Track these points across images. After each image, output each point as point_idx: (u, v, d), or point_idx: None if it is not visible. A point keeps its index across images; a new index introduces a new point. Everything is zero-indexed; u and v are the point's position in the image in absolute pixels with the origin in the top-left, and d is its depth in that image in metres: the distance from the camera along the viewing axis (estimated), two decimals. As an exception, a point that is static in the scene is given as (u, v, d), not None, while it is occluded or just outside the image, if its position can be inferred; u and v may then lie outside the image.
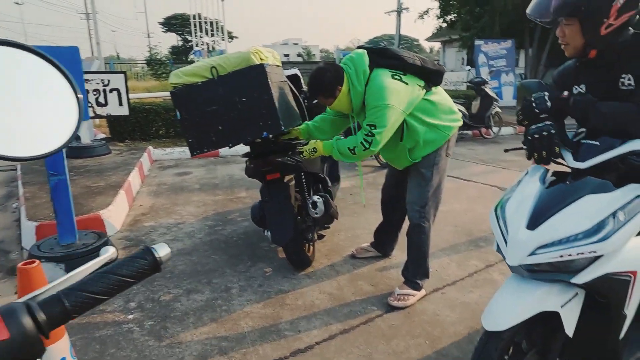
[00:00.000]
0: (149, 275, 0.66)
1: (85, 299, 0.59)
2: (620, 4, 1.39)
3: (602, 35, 1.44)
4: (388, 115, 2.18)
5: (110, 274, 0.62)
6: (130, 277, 0.63)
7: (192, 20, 15.02)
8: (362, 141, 2.22)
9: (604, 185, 1.44)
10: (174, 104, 2.30)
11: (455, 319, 2.35)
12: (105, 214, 3.59)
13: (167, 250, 0.68)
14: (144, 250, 0.66)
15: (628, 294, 1.45)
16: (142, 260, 0.65)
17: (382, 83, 2.21)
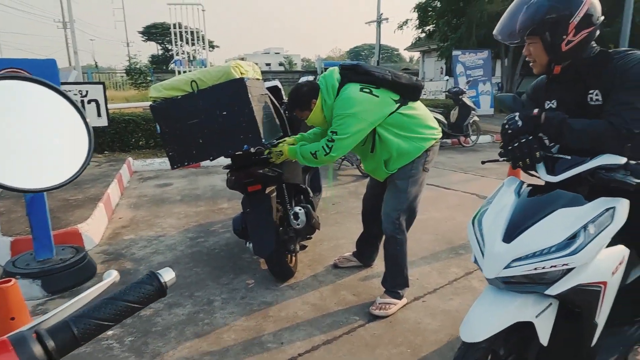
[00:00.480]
0: (155, 300, 0.67)
1: (94, 325, 0.59)
2: (577, 22, 1.46)
3: (564, 51, 1.51)
4: (350, 124, 2.29)
5: (118, 300, 0.62)
6: (137, 303, 0.64)
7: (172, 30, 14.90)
8: (324, 146, 2.33)
9: (576, 198, 1.50)
10: (154, 118, 2.30)
11: (437, 327, 2.39)
12: (84, 228, 3.53)
13: (172, 275, 0.69)
14: (150, 275, 0.67)
15: (599, 303, 1.51)
16: (148, 285, 0.66)
17: (348, 95, 2.33)
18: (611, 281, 1.52)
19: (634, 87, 1.44)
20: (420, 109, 2.57)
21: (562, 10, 1.46)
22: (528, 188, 1.66)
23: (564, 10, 1.46)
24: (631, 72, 1.45)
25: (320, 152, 2.35)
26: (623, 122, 1.44)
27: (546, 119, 1.53)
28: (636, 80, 1.44)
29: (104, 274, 0.77)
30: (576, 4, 1.45)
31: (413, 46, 26.52)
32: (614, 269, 1.53)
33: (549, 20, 1.47)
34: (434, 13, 16.07)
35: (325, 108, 2.44)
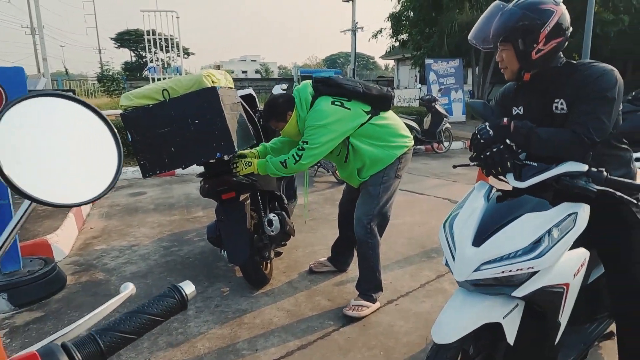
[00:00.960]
0: (177, 313, 0.68)
1: (119, 338, 0.60)
2: (547, 31, 1.54)
3: (534, 59, 1.58)
4: (321, 134, 2.36)
5: (142, 314, 0.63)
6: (160, 316, 0.65)
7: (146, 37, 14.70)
8: (294, 154, 2.39)
9: (541, 204, 1.57)
10: (125, 127, 2.29)
11: (409, 329, 2.44)
12: (53, 239, 3.44)
13: (192, 288, 0.70)
14: (172, 288, 0.68)
15: (562, 304, 1.58)
16: (170, 299, 0.67)
17: (320, 107, 2.42)
18: (573, 282, 1.60)
19: (598, 98, 1.51)
20: (392, 118, 2.64)
21: (534, 19, 1.53)
22: (497, 193, 1.72)
23: (536, 19, 1.53)
24: (595, 84, 1.52)
25: (290, 160, 2.40)
26: (587, 131, 1.50)
27: (515, 128, 1.59)
28: (599, 92, 1.51)
29: (121, 287, 0.79)
30: (548, 14, 1.53)
31: (388, 54, 26.98)
32: (576, 271, 1.61)
33: (521, 28, 1.54)
34: (407, 22, 16.41)
35: (299, 121, 2.50)
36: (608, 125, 1.52)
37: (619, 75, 1.55)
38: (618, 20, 12.66)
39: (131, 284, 0.79)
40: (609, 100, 1.51)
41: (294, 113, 2.50)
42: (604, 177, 1.47)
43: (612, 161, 1.65)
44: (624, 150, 1.70)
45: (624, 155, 1.70)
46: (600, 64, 1.58)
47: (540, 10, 1.55)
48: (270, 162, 2.45)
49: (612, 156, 1.67)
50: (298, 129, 2.51)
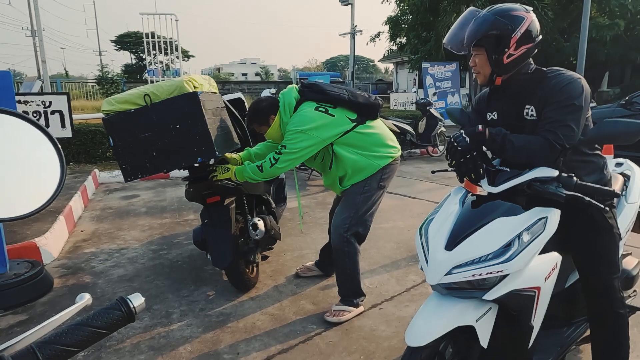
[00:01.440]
0: (123, 325, 0.67)
1: (59, 351, 0.58)
2: (518, 36, 1.57)
3: (505, 64, 1.61)
4: (299, 140, 2.36)
5: (85, 326, 0.62)
6: (105, 329, 0.64)
7: (145, 39, 14.75)
8: (270, 158, 2.39)
9: (513, 208, 1.59)
10: (106, 131, 2.31)
11: (390, 334, 2.44)
12: (42, 242, 3.45)
13: (141, 300, 0.69)
14: (119, 301, 0.67)
15: (534, 307, 1.60)
16: (116, 311, 0.66)
17: (303, 113, 2.41)
18: (544, 286, 1.61)
19: (566, 105, 1.54)
20: (379, 127, 2.63)
21: (505, 25, 1.56)
22: (472, 198, 1.75)
23: (508, 25, 1.56)
24: (563, 91, 1.55)
25: (266, 163, 2.39)
26: (557, 137, 1.53)
27: (490, 135, 1.61)
28: (567, 100, 1.54)
29: (77, 297, 0.77)
30: (518, 21, 1.56)
31: (386, 58, 27.07)
32: (547, 275, 1.62)
33: (493, 33, 1.57)
34: (405, 26, 16.47)
35: (282, 125, 2.50)
36: (577, 131, 1.55)
37: (586, 84, 1.59)
38: (614, 24, 12.72)
39: (87, 294, 0.77)
40: (576, 107, 1.54)
41: (277, 117, 2.50)
42: (574, 183, 1.49)
43: (584, 167, 1.67)
44: (596, 157, 1.72)
45: (596, 161, 1.72)
46: (568, 72, 1.61)
47: (511, 16, 1.58)
48: (248, 167, 2.44)
49: (584, 162, 1.69)
50: (281, 133, 2.51)
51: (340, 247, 2.53)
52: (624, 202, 2.13)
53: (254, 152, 2.75)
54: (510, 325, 1.63)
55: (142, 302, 0.69)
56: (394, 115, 8.99)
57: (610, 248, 1.70)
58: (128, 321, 0.68)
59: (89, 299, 0.77)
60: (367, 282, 3.01)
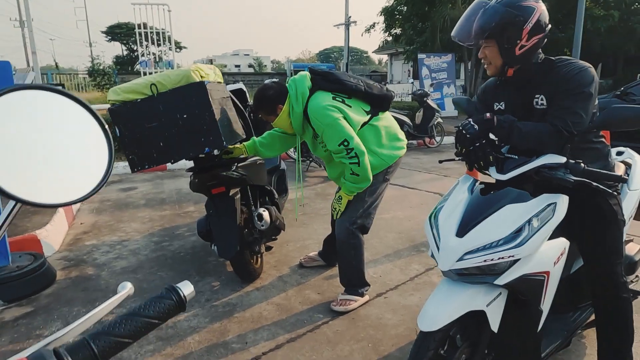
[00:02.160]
0: (174, 314, 0.65)
1: (113, 343, 0.57)
2: (529, 28, 1.57)
3: (517, 55, 1.62)
4: (343, 126, 2.25)
5: (138, 316, 0.61)
6: (157, 318, 0.62)
7: (137, 30, 14.55)
8: (350, 162, 2.27)
9: (522, 195, 1.62)
10: (113, 121, 2.28)
11: (397, 322, 2.47)
12: (42, 234, 3.43)
13: (191, 288, 0.68)
14: (169, 289, 0.66)
15: (543, 291, 1.63)
16: (167, 300, 0.64)
17: (321, 103, 2.29)
18: (553, 271, 1.64)
19: (576, 93, 1.56)
20: (388, 119, 2.60)
21: (517, 16, 1.56)
22: (480, 186, 1.77)
23: (519, 16, 1.56)
24: (574, 80, 1.57)
25: (355, 168, 2.28)
26: (565, 124, 1.55)
27: (498, 122, 1.63)
28: (578, 88, 1.56)
29: (118, 287, 0.76)
30: (529, 11, 1.56)
31: (381, 49, 26.99)
32: (556, 259, 1.65)
33: (504, 25, 1.57)
34: (400, 17, 16.41)
35: (292, 115, 2.38)
36: (585, 119, 1.57)
37: (595, 73, 1.60)
38: (608, 15, 12.78)
39: (129, 283, 0.76)
40: (586, 95, 1.56)
41: (286, 107, 2.38)
42: (581, 169, 1.51)
43: (589, 154, 1.70)
44: (600, 144, 1.75)
45: (601, 148, 1.75)
46: (579, 62, 1.63)
47: (522, 7, 1.58)
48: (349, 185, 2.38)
49: (589, 149, 1.72)
50: (289, 122, 2.42)
51: (346, 239, 2.52)
52: (626, 190, 2.17)
53: (259, 142, 2.71)
54: (520, 309, 1.67)
55: (192, 291, 0.68)
56: (391, 107, 9.00)
57: (615, 234, 1.73)
58: (179, 310, 0.65)
59: (131, 288, 0.76)
60: (370, 272, 3.03)
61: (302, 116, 2.38)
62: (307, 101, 2.35)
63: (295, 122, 2.41)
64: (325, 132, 2.27)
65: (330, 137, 2.26)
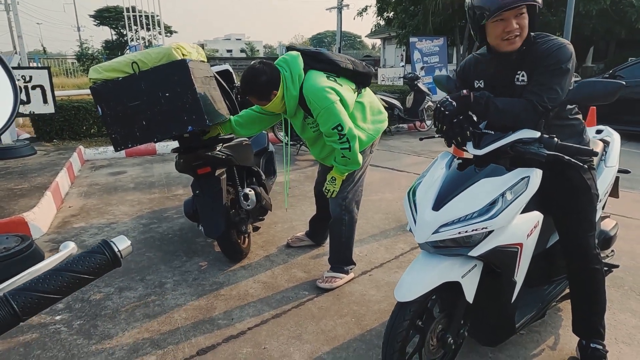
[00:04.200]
0: (109, 270, 0.62)
1: (36, 299, 0.54)
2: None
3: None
4: (339, 111, 2.25)
5: (64, 271, 0.57)
6: (87, 274, 0.59)
7: (125, 14, 14.30)
8: (342, 147, 2.29)
9: (497, 169, 1.66)
10: (95, 100, 2.28)
11: (380, 298, 2.53)
12: (30, 217, 3.43)
13: (127, 243, 0.64)
14: (102, 243, 0.62)
15: (516, 263, 1.68)
16: (99, 255, 0.61)
17: (318, 84, 2.26)
18: (527, 243, 1.69)
19: (553, 69, 1.58)
20: (370, 94, 2.63)
21: None
22: (458, 161, 1.80)
23: None
24: (552, 56, 1.59)
25: (346, 152, 2.30)
26: (541, 99, 1.58)
27: (475, 99, 1.65)
28: (555, 64, 1.58)
29: (61, 246, 0.72)
30: None
31: (374, 33, 26.75)
32: (529, 232, 1.70)
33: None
34: (392, 0, 16.23)
35: (287, 97, 2.32)
36: (561, 94, 1.60)
37: (573, 50, 1.62)
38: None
39: (72, 242, 0.73)
40: (563, 71, 1.59)
41: (280, 91, 2.31)
42: (554, 143, 1.55)
43: (564, 130, 1.73)
44: (576, 120, 1.78)
45: (576, 124, 1.78)
46: (558, 38, 1.65)
47: None
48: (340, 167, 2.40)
49: (564, 126, 1.75)
50: (282, 105, 2.36)
51: (340, 215, 2.58)
52: (603, 166, 2.22)
53: (234, 121, 2.65)
54: (494, 281, 1.72)
55: (128, 245, 0.64)
56: (382, 90, 8.97)
57: (588, 207, 1.78)
58: (114, 265, 0.62)
59: (74, 247, 0.72)
60: (356, 251, 3.07)
61: (297, 98, 2.32)
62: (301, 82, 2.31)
63: (289, 105, 2.35)
64: (322, 114, 2.26)
65: (326, 120, 2.26)
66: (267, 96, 2.34)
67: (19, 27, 14.84)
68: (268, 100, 2.35)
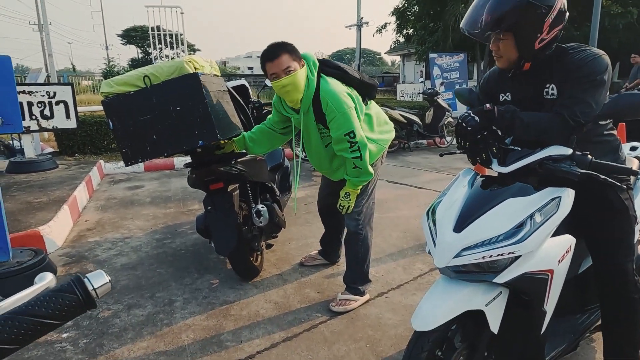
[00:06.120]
0: (80, 313, 0.53)
1: None
2: (552, 19, 1.47)
3: (536, 49, 1.52)
4: (353, 118, 2.20)
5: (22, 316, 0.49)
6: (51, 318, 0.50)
7: (150, 33, 14.74)
8: (353, 156, 2.22)
9: (524, 188, 1.53)
10: (106, 114, 2.26)
11: (397, 322, 2.39)
12: (45, 230, 3.43)
13: (104, 280, 0.55)
14: (73, 280, 0.53)
15: (546, 291, 1.54)
16: (68, 295, 0.52)
17: (336, 89, 2.23)
18: (558, 269, 1.55)
19: (587, 82, 1.47)
20: (375, 106, 2.58)
21: (538, 7, 1.45)
22: (481, 179, 1.68)
23: (541, 7, 1.45)
24: (587, 67, 1.47)
25: (357, 161, 2.24)
26: (573, 113, 1.46)
27: (499, 113, 1.53)
28: (589, 76, 1.46)
29: (36, 278, 0.64)
30: (551, 1, 1.44)
31: (393, 50, 26.80)
32: (560, 257, 1.56)
33: (524, 18, 1.46)
34: (411, 17, 16.27)
35: (308, 82, 2.22)
36: (595, 108, 1.47)
37: (609, 61, 1.49)
38: (626, 13, 12.44)
39: (50, 274, 0.64)
40: (598, 83, 1.47)
41: (305, 69, 2.22)
42: (588, 161, 1.42)
43: (598, 147, 1.60)
44: (611, 137, 1.65)
45: (612, 141, 1.65)
46: (592, 48, 1.53)
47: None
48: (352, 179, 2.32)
49: (598, 143, 1.62)
50: (302, 89, 2.21)
51: (356, 229, 2.50)
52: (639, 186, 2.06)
53: (248, 137, 2.58)
54: (521, 310, 1.57)
55: (105, 282, 0.55)
56: (401, 106, 8.88)
57: (626, 229, 1.63)
58: (86, 307, 0.53)
59: (52, 280, 0.64)
60: (373, 271, 2.95)
61: (313, 94, 2.24)
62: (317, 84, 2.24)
63: (307, 93, 2.24)
64: (338, 118, 2.19)
65: (340, 125, 2.20)
66: (298, 59, 2.21)
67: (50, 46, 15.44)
68: (298, 62, 2.21)
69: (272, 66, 2.17)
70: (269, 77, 2.24)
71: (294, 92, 2.21)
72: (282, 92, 2.25)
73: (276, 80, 2.18)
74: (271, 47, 2.20)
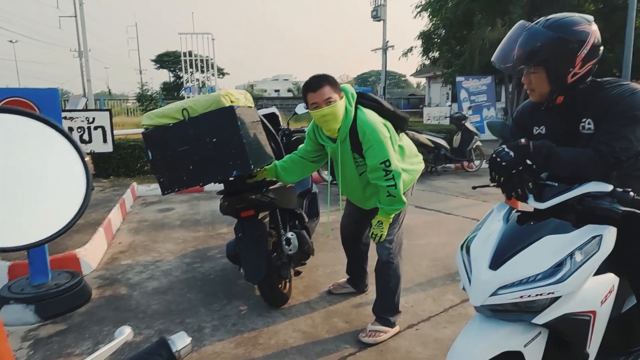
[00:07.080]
0: None
1: None
2: (584, 54, 1.46)
3: (569, 83, 1.51)
4: (389, 147, 2.26)
5: None
6: None
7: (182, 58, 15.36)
8: (387, 185, 2.25)
9: (563, 225, 1.49)
10: (145, 145, 2.35)
11: (428, 356, 2.33)
12: (81, 253, 3.55)
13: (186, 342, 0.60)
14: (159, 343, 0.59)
15: (589, 333, 1.48)
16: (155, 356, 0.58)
17: (373, 119, 2.30)
18: (600, 310, 1.49)
19: (627, 117, 1.45)
20: (406, 139, 2.62)
21: (570, 42, 1.45)
22: (517, 214, 1.65)
23: (573, 43, 1.45)
24: (624, 102, 1.46)
25: (392, 190, 2.25)
26: (612, 150, 1.44)
27: (535, 148, 1.52)
28: (628, 111, 1.45)
29: (116, 332, 0.69)
30: (584, 36, 1.45)
31: (419, 72, 26.89)
32: (603, 298, 1.50)
33: (556, 52, 1.46)
34: (437, 40, 16.34)
35: (346, 113, 2.30)
36: (636, 144, 1.44)
37: None
38: (661, 34, 12.11)
39: (128, 327, 0.69)
40: (637, 118, 1.44)
41: (344, 101, 2.30)
42: (630, 198, 1.38)
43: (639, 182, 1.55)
44: None
45: None
46: (630, 84, 1.51)
47: (576, 32, 1.46)
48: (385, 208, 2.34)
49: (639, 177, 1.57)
50: (340, 119, 2.28)
51: (387, 259, 2.49)
52: None
53: (280, 165, 2.64)
54: (562, 352, 1.52)
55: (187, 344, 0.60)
56: (427, 130, 8.84)
57: None
58: None
59: (130, 333, 0.69)
60: (402, 301, 2.88)
61: (350, 124, 2.31)
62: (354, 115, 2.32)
63: (345, 122, 2.31)
64: (375, 146, 2.24)
65: (377, 153, 2.25)
66: (337, 89, 2.29)
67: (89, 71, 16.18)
68: (338, 95, 2.28)
69: (314, 96, 2.26)
70: (310, 107, 2.32)
71: (332, 121, 2.28)
72: (321, 121, 2.33)
73: (317, 110, 2.26)
74: (314, 78, 2.30)
